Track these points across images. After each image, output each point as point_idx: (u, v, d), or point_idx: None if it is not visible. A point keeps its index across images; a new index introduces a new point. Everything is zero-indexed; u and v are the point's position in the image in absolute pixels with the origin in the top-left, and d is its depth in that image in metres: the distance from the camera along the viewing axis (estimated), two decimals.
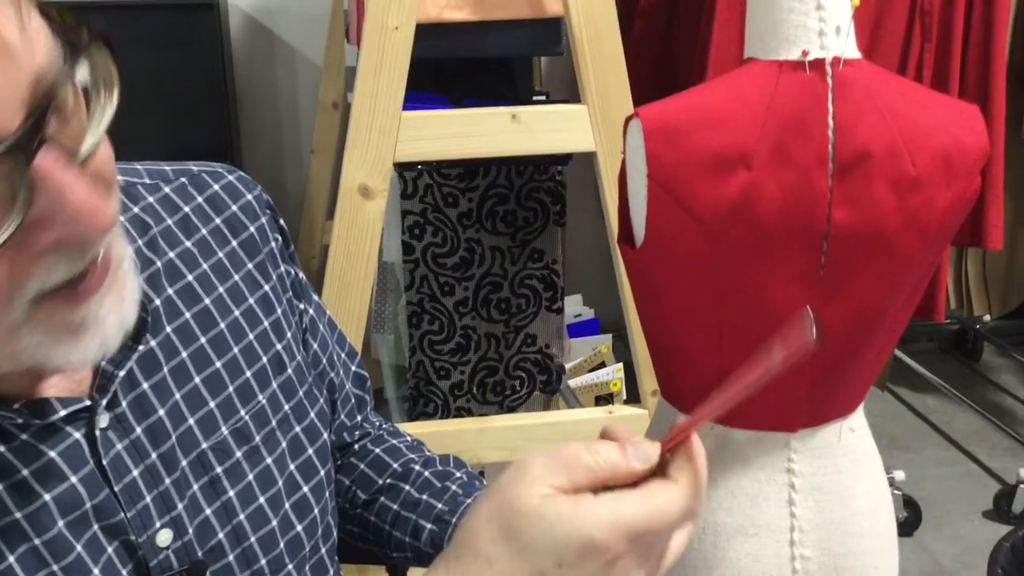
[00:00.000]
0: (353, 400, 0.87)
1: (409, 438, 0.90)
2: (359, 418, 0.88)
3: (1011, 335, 3.29)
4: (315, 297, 0.82)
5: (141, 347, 0.63)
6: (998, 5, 1.81)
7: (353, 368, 0.87)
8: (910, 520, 2.29)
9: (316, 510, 0.74)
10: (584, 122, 1.43)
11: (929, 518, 2.32)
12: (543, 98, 1.75)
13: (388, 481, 0.85)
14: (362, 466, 0.86)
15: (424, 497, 0.82)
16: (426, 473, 0.84)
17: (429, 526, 0.79)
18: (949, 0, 1.82)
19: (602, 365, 1.96)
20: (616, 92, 1.43)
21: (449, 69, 1.69)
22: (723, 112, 0.57)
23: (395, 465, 0.85)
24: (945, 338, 3.40)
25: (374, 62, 1.35)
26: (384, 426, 0.91)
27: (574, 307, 2.15)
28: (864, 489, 0.67)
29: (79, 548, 0.58)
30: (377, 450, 0.87)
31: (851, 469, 0.67)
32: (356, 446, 0.88)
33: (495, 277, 1.75)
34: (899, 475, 2.27)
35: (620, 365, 1.93)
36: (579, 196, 2.22)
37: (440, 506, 0.80)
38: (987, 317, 2.79)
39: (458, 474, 0.84)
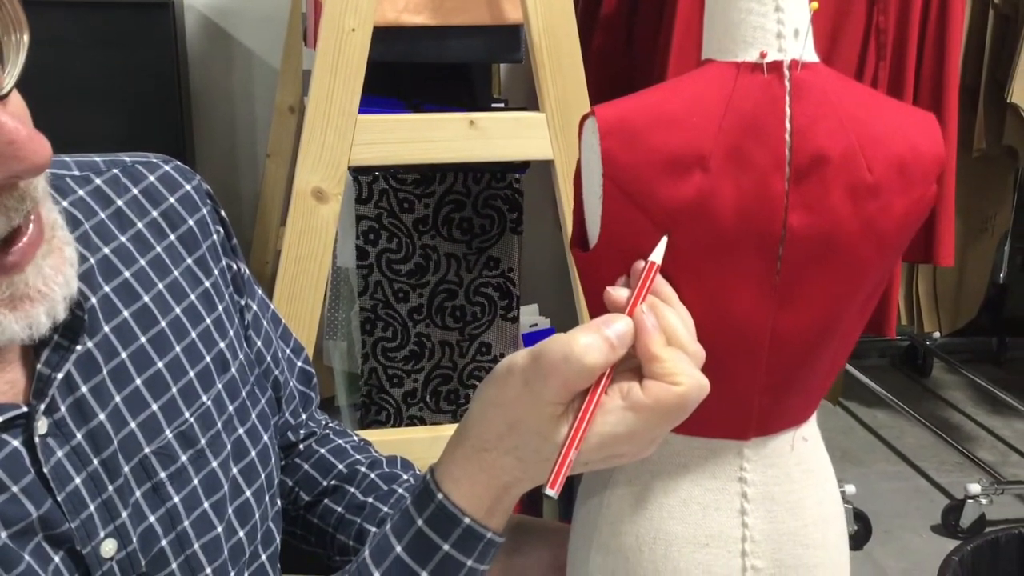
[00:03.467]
0: (298, 397, 0.85)
1: (356, 438, 0.88)
2: (304, 416, 0.86)
3: (960, 352, 3.35)
4: (258, 291, 0.80)
5: (79, 348, 0.61)
6: (951, 25, 1.84)
7: (298, 364, 0.85)
8: (860, 533, 2.31)
9: (257, 515, 0.72)
10: (542, 130, 1.43)
11: (878, 532, 2.34)
12: (501, 105, 1.74)
13: (332, 483, 0.83)
14: (306, 467, 0.84)
15: (369, 500, 0.80)
16: (372, 475, 0.82)
17: (374, 530, 0.77)
18: (904, 20, 1.84)
19: None
20: (575, 101, 1.42)
21: (407, 74, 1.67)
22: (680, 112, 0.56)
23: (340, 466, 0.83)
24: (896, 354, 3.45)
25: (330, 64, 1.33)
26: (330, 424, 0.89)
27: (530, 316, 2.13)
28: (816, 499, 0.67)
29: (27, 558, 0.56)
30: (322, 450, 0.85)
31: (803, 479, 0.66)
32: (301, 446, 0.86)
33: (450, 284, 1.73)
34: (849, 489, 2.29)
35: None
36: (536, 205, 2.21)
37: (386, 509, 0.79)
38: (937, 334, 2.84)
39: (405, 476, 0.83)
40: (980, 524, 2.35)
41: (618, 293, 0.57)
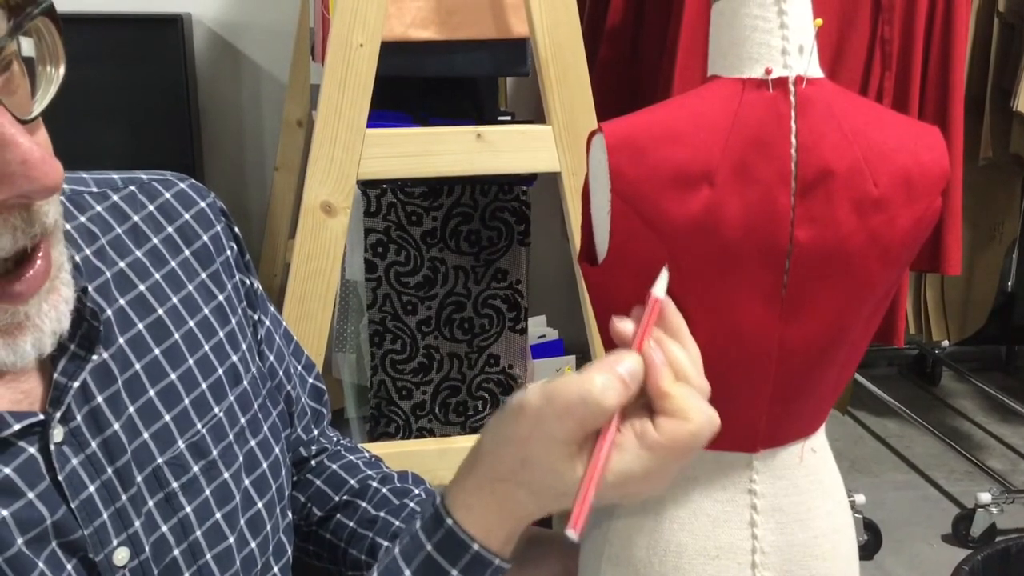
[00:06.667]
0: (309, 413, 0.86)
1: (367, 454, 0.89)
2: (315, 432, 0.87)
3: (969, 361, 3.34)
4: (271, 308, 0.81)
5: (94, 358, 0.62)
6: (956, 35, 1.84)
7: (310, 380, 0.86)
8: (870, 543, 2.30)
9: (268, 526, 0.72)
10: (549, 142, 1.43)
11: (889, 541, 2.33)
12: (508, 118, 1.75)
13: (344, 498, 0.83)
14: (318, 483, 0.85)
15: (381, 514, 0.80)
16: (383, 490, 0.83)
17: (386, 544, 0.78)
18: (908, 30, 1.85)
19: None
20: (581, 113, 1.43)
21: (414, 88, 1.69)
22: (686, 128, 0.57)
23: (352, 482, 0.84)
24: (904, 363, 3.45)
25: (338, 79, 1.34)
26: (341, 441, 0.90)
27: (538, 328, 2.14)
28: (826, 510, 0.67)
29: (41, 565, 0.57)
30: (334, 466, 0.85)
31: (813, 490, 0.67)
32: (312, 462, 0.86)
33: (458, 297, 1.74)
34: (859, 498, 2.29)
35: None
36: (544, 216, 2.22)
37: (397, 524, 0.79)
38: (945, 343, 2.83)
39: (416, 491, 0.83)
40: (991, 533, 2.35)
41: (624, 326, 0.57)
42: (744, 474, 0.65)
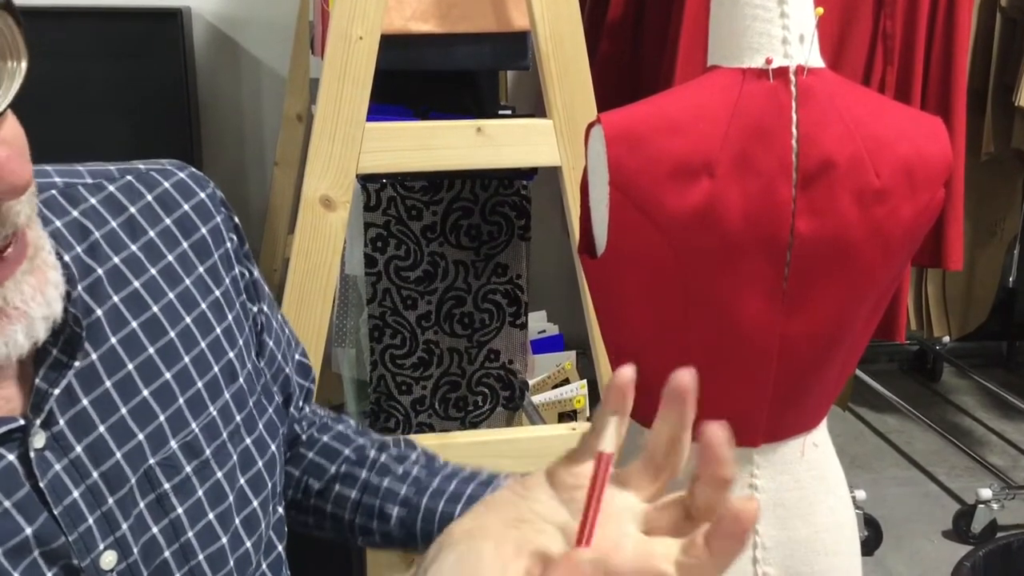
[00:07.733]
0: (299, 391, 0.86)
1: (352, 422, 0.90)
2: (306, 409, 0.88)
3: (970, 356, 3.34)
4: (267, 291, 0.80)
5: (77, 363, 0.61)
6: (958, 29, 1.83)
7: (297, 357, 0.86)
8: (871, 539, 2.30)
9: (263, 525, 0.72)
10: (549, 136, 1.43)
11: (889, 537, 2.33)
12: (508, 112, 1.75)
13: (343, 468, 0.84)
14: (311, 455, 0.86)
15: (385, 483, 0.82)
16: (382, 458, 0.84)
17: (396, 509, 0.80)
18: (911, 24, 1.84)
19: (566, 382, 1.95)
20: (582, 107, 1.43)
21: (414, 81, 1.68)
22: (686, 119, 0.56)
23: (346, 451, 0.85)
24: (905, 359, 3.44)
25: (338, 72, 1.34)
26: (324, 413, 0.90)
27: (538, 323, 2.13)
28: (828, 505, 0.67)
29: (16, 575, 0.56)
30: (324, 438, 0.86)
31: (814, 485, 0.66)
32: (303, 436, 0.87)
33: (458, 291, 1.73)
34: (860, 494, 2.29)
35: (584, 382, 1.92)
36: (544, 211, 2.22)
37: (405, 490, 0.80)
38: (946, 338, 2.83)
39: (413, 456, 0.85)
40: (991, 529, 2.34)
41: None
42: (745, 469, 0.64)
